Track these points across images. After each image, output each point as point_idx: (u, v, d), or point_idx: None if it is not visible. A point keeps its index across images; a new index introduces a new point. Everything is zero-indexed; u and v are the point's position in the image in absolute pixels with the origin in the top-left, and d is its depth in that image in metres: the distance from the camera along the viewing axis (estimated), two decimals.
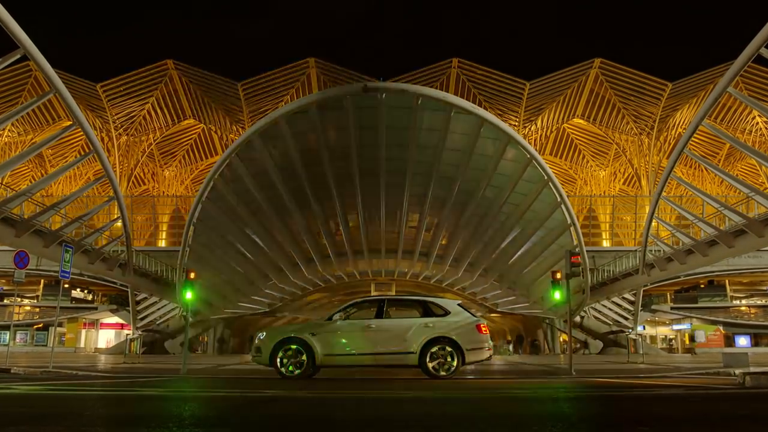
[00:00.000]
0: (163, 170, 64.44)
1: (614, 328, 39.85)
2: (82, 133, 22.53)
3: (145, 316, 38.88)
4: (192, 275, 16.26)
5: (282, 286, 35.26)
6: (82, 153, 50.92)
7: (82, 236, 26.48)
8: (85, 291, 50.90)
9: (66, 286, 43.13)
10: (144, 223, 59.44)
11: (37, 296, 50.96)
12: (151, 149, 60.73)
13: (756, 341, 46.02)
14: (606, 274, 36.23)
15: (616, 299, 38.84)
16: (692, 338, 44.35)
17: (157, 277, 34.92)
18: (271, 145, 25.99)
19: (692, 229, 26.98)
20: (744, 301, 51.78)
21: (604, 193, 61.34)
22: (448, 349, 10.89)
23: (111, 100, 55.41)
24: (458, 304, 11.84)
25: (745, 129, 55.49)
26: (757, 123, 55.28)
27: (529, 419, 4.75)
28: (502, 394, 7.56)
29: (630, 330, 39.55)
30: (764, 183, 53.56)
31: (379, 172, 26.13)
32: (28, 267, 16.32)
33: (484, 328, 11.36)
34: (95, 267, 27.82)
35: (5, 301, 50.00)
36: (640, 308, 39.76)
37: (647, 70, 52.48)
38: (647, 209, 34.90)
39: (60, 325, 45.66)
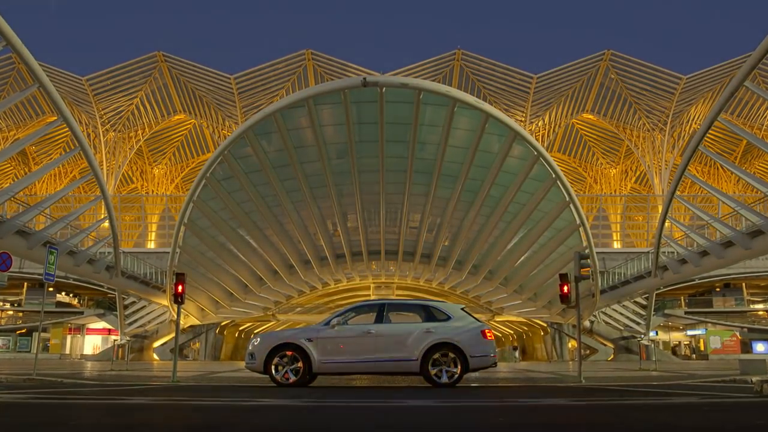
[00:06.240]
0: (152, 168, 63.33)
1: (625, 334, 38.89)
2: (67, 129, 21.75)
3: (134, 321, 37.84)
4: (182, 278, 15.74)
5: (277, 290, 34.55)
6: (68, 150, 50.01)
7: (67, 237, 25.78)
8: (71, 295, 49.87)
9: (50, 289, 42.86)
10: (132, 223, 58.52)
11: (20, 300, 49.61)
12: (140, 146, 59.38)
13: None
14: (617, 276, 35.26)
15: (627, 303, 37.82)
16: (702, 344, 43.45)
17: (145, 280, 33.88)
18: (265, 141, 25.16)
19: (707, 229, 26.17)
20: (762, 305, 50.51)
21: (615, 192, 60.30)
22: (451, 355, 10.53)
23: (98, 95, 54.13)
24: (461, 309, 11.52)
25: (762, 125, 54.47)
26: None
27: (535, 428, 4.59)
28: (507, 403, 7.34)
29: (642, 335, 38.30)
30: None
31: (378, 170, 25.34)
32: (10, 269, 15.62)
33: (488, 334, 11.01)
34: (81, 269, 27.06)
35: None
36: (652, 313, 38.46)
37: (660, 64, 51.52)
38: (660, 209, 33.88)
39: (44, 330, 44.60)
